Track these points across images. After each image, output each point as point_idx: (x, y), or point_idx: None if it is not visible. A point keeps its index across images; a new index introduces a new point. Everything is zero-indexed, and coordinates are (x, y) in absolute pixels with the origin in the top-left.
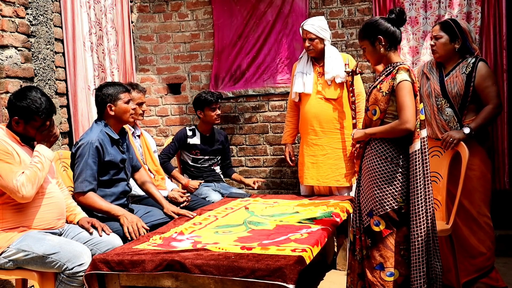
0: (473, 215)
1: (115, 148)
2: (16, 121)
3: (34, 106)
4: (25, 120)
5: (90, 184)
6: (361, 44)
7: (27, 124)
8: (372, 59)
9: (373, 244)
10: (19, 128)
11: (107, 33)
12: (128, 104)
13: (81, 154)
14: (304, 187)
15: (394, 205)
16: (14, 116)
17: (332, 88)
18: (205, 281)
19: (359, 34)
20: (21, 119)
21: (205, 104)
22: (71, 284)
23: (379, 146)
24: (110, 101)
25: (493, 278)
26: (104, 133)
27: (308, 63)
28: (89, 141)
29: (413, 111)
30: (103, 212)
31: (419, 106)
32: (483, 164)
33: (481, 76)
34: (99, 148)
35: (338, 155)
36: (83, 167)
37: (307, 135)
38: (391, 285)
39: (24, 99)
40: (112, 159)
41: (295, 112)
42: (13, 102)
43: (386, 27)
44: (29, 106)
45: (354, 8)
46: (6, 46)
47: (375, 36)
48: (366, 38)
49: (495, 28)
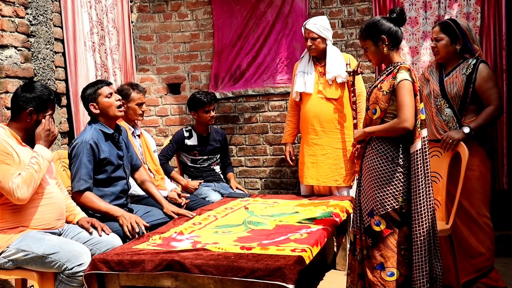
0: (472, 216)
1: (110, 144)
2: (30, 113)
3: (45, 95)
4: (38, 110)
5: (86, 182)
6: (363, 44)
7: (39, 113)
8: (374, 59)
9: (373, 244)
10: (32, 121)
11: (109, 33)
12: (109, 98)
13: (76, 153)
14: (304, 186)
15: (394, 204)
16: (26, 109)
17: (333, 88)
18: (205, 281)
19: (361, 34)
20: (35, 110)
21: (198, 106)
22: (71, 284)
23: (379, 146)
24: (91, 100)
25: (493, 278)
26: (97, 130)
27: (310, 62)
28: (83, 140)
29: (412, 110)
30: (101, 212)
31: (420, 105)
32: (482, 165)
33: (482, 78)
34: (93, 147)
35: (338, 155)
36: (78, 166)
37: (307, 135)
38: (392, 285)
39: (33, 90)
40: (107, 156)
41: (296, 111)
42: (24, 95)
43: (388, 26)
44: (41, 95)
45: (354, 8)
46: (6, 46)
47: (379, 36)
48: (369, 38)
49: (495, 28)
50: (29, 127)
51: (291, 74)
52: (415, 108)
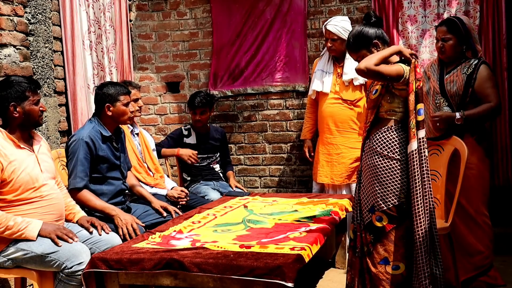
0: (471, 214)
1: (108, 145)
2: (14, 107)
3: (19, 84)
4: (20, 101)
5: (82, 180)
6: (358, 56)
7: (23, 103)
8: None
9: (376, 240)
10: (19, 114)
11: (106, 32)
12: (127, 107)
13: (72, 151)
14: (316, 184)
15: (396, 200)
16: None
17: (350, 89)
18: (204, 280)
19: (352, 48)
20: (17, 102)
21: (189, 105)
22: (70, 283)
23: (377, 142)
24: (109, 101)
25: (492, 276)
26: (96, 130)
27: (329, 61)
28: (80, 137)
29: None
30: (97, 210)
31: (418, 106)
32: (481, 163)
33: (482, 78)
34: (90, 144)
35: (352, 155)
36: (75, 163)
37: (323, 134)
38: (397, 278)
39: (9, 85)
40: (105, 155)
41: (314, 108)
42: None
43: (374, 31)
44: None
45: (353, 7)
46: (5, 44)
47: (370, 42)
48: (362, 48)
49: (494, 27)
50: (21, 122)
51: (290, 72)
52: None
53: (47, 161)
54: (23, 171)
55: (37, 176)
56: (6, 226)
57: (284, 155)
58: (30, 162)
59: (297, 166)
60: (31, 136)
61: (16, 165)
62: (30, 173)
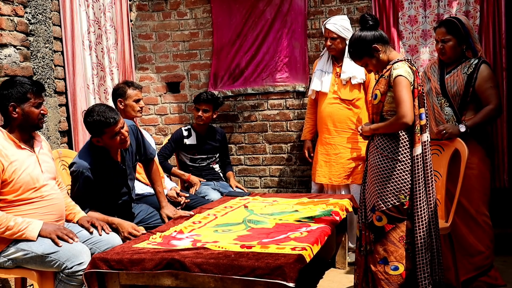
0: (471, 214)
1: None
2: (14, 107)
3: (22, 85)
4: (20, 102)
5: (84, 207)
6: (362, 63)
7: (23, 104)
8: (377, 68)
9: (376, 239)
10: (19, 115)
11: (106, 32)
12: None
13: (74, 179)
14: (315, 184)
15: (395, 201)
16: (8, 106)
17: (348, 89)
18: (205, 280)
19: (354, 56)
20: (16, 103)
21: (194, 102)
22: (71, 283)
23: (380, 143)
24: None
25: (492, 276)
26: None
27: (329, 61)
28: (79, 169)
29: (410, 105)
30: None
31: (420, 111)
32: (481, 163)
33: (482, 78)
34: (90, 177)
35: (351, 155)
36: (77, 192)
37: (322, 134)
38: (396, 278)
39: (12, 84)
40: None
41: (314, 109)
42: (1, 93)
43: (372, 34)
44: (17, 86)
45: (353, 7)
46: (5, 44)
47: (370, 47)
48: (364, 55)
49: (494, 27)
50: (20, 123)
51: (290, 72)
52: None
53: (48, 162)
54: (24, 171)
55: (38, 177)
56: (7, 227)
57: (284, 155)
58: (30, 162)
59: (298, 166)
60: (32, 137)
61: (17, 166)
62: (30, 173)
